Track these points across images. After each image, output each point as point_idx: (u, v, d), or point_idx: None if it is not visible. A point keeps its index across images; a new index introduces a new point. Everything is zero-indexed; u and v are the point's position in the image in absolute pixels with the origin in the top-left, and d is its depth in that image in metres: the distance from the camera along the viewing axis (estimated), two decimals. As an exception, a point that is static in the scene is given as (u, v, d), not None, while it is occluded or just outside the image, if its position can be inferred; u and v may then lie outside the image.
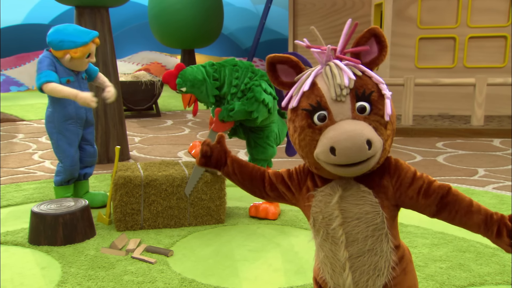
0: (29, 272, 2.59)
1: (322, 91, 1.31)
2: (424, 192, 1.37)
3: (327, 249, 1.43)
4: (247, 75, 3.14)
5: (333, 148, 1.24)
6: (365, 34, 1.35)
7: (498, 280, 2.47)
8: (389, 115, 1.30)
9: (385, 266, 1.40)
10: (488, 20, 6.90)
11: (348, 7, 10.95)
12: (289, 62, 1.39)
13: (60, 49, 3.25)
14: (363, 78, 1.31)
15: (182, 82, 3.08)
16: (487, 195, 3.82)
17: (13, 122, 7.53)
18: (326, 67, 1.34)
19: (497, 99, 7.00)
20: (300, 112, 1.34)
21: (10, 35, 12.65)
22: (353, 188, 1.37)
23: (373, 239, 1.38)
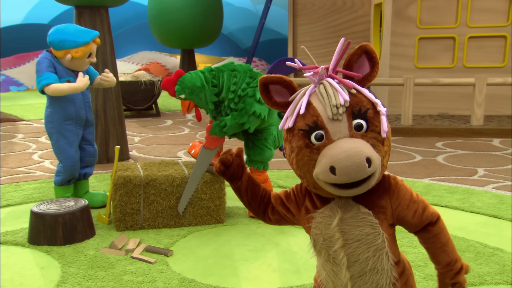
0: (29, 272, 2.59)
1: (318, 111, 1.31)
2: (418, 216, 1.41)
3: (329, 269, 1.43)
4: (245, 80, 3.12)
5: (333, 167, 1.24)
6: (356, 51, 1.35)
7: (498, 280, 2.47)
8: (386, 131, 1.31)
9: (386, 283, 1.41)
10: (488, 20, 6.90)
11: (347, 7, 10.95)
12: (281, 82, 1.39)
13: (61, 48, 3.25)
14: (358, 96, 1.32)
15: (180, 89, 3.07)
16: (486, 194, 3.83)
17: (13, 122, 7.53)
18: (320, 86, 1.34)
19: (497, 99, 7.00)
20: (296, 133, 1.33)
21: (10, 35, 12.65)
22: (353, 209, 1.37)
23: (374, 259, 1.39)
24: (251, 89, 3.08)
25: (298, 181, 4.17)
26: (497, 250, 2.82)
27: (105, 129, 4.81)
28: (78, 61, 3.31)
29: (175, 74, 3.11)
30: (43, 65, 3.24)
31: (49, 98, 3.36)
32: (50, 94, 3.21)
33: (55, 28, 3.32)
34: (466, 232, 3.11)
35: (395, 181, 1.42)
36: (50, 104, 3.37)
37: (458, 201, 3.67)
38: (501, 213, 3.41)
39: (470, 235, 3.06)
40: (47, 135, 3.48)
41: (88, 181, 3.68)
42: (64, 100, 3.34)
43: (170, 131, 6.77)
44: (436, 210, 1.44)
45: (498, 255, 2.75)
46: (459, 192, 3.89)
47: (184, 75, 3.10)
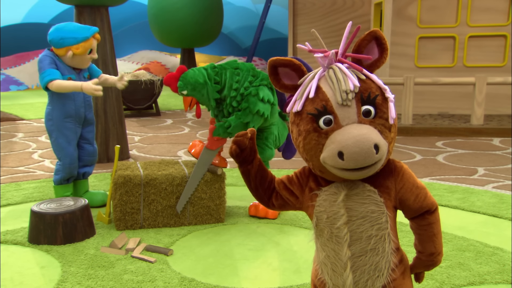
0: (29, 271, 2.59)
1: (328, 95, 1.31)
2: (419, 201, 1.43)
3: (329, 249, 1.43)
4: (247, 78, 3.11)
5: (341, 152, 1.25)
6: (366, 37, 1.36)
7: (498, 279, 2.47)
8: (393, 118, 1.32)
9: (385, 267, 1.42)
10: (488, 19, 6.90)
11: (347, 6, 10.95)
12: (291, 65, 1.39)
13: (61, 46, 3.26)
14: (367, 82, 1.33)
15: (183, 85, 3.06)
16: (486, 194, 3.82)
17: (13, 121, 7.53)
18: (330, 70, 1.34)
19: (497, 98, 7.00)
20: (305, 116, 1.34)
21: (10, 34, 12.65)
22: (358, 187, 1.39)
23: (376, 239, 1.40)
24: (254, 88, 3.07)
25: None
26: (497, 250, 2.82)
27: (105, 129, 4.81)
28: (79, 58, 3.32)
29: (178, 70, 3.11)
30: (45, 62, 3.26)
31: (50, 96, 3.36)
32: (53, 90, 3.22)
33: (54, 27, 3.32)
34: (466, 231, 3.11)
35: (400, 165, 1.44)
36: (51, 101, 3.37)
37: (458, 201, 3.67)
38: (501, 213, 3.41)
39: (470, 234, 3.06)
40: (47, 133, 3.48)
41: (88, 180, 3.68)
42: (65, 98, 3.34)
43: (170, 131, 6.77)
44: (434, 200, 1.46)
45: (498, 255, 2.75)
46: (459, 192, 3.89)
47: (186, 71, 3.10)
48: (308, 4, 11.26)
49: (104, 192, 3.69)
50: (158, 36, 11.13)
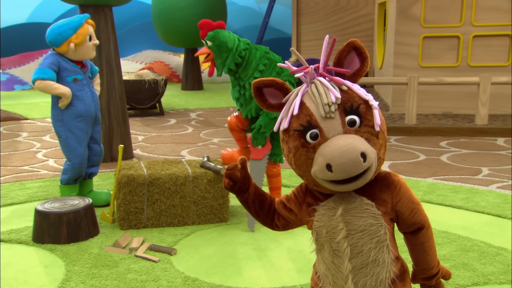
0: (33, 270, 2.60)
1: (311, 110, 1.33)
2: (413, 216, 1.45)
3: (330, 262, 1.44)
4: (275, 68, 3.10)
5: (329, 165, 1.26)
6: (345, 48, 1.38)
7: (502, 280, 2.46)
8: (379, 125, 1.33)
9: (386, 277, 1.43)
10: (493, 19, 6.87)
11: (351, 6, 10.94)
12: (274, 84, 1.42)
13: (61, 42, 3.28)
14: (349, 92, 1.34)
15: (212, 36, 3.05)
16: (491, 194, 3.81)
17: (17, 120, 7.56)
18: (312, 85, 1.36)
19: (501, 98, 6.97)
20: (292, 133, 1.35)
21: (14, 34, 12.68)
22: (356, 201, 1.40)
23: (375, 251, 1.41)
24: None
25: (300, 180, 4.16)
26: (501, 250, 2.81)
27: (109, 128, 4.82)
28: (82, 48, 3.34)
29: (218, 23, 3.11)
30: (48, 61, 3.29)
31: (56, 98, 3.37)
32: (39, 89, 3.26)
33: (49, 29, 3.36)
34: (470, 231, 3.10)
35: (397, 179, 1.44)
36: (57, 103, 3.37)
37: (462, 201, 3.66)
38: (506, 213, 3.40)
39: (474, 234, 3.05)
40: (53, 133, 3.50)
41: (92, 180, 3.68)
42: (73, 98, 3.35)
43: (174, 130, 6.78)
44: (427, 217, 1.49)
45: (503, 255, 2.74)
46: (463, 192, 3.88)
47: (224, 29, 3.10)
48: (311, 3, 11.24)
49: (108, 191, 3.70)
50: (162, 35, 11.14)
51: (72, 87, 3.34)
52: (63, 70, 3.32)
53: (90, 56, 3.41)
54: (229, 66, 3.08)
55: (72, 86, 3.35)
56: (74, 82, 3.36)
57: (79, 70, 3.38)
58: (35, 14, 13.09)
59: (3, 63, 11.95)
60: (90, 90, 3.45)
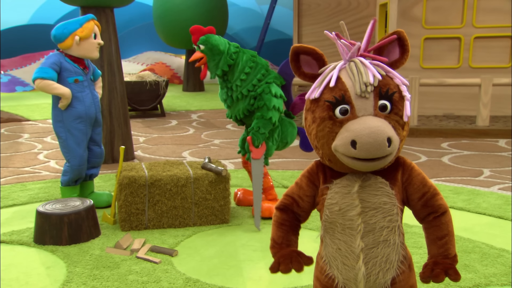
0: (34, 272, 2.60)
1: (347, 86, 1.34)
2: (425, 201, 1.44)
3: (341, 242, 1.44)
4: (261, 71, 3.19)
5: (355, 141, 1.27)
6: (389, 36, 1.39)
7: (504, 281, 2.46)
8: (408, 116, 1.35)
9: (395, 259, 1.44)
10: (494, 20, 6.87)
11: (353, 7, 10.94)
12: (313, 53, 1.42)
13: (66, 36, 3.30)
14: (386, 78, 1.35)
15: (204, 40, 3.14)
16: (492, 195, 3.81)
17: (19, 122, 7.56)
18: (351, 63, 1.37)
19: (503, 99, 6.97)
20: (322, 104, 1.36)
21: (16, 35, 12.70)
22: (370, 179, 1.41)
23: (387, 230, 1.42)
24: (265, 85, 3.15)
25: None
26: (503, 251, 2.80)
27: (110, 129, 4.82)
28: (87, 44, 3.35)
29: (208, 28, 3.20)
30: (50, 60, 3.31)
31: (56, 99, 3.37)
32: (38, 88, 3.27)
33: (55, 27, 3.37)
34: (471, 233, 3.10)
35: (410, 162, 1.47)
36: (57, 103, 3.38)
37: (463, 202, 3.66)
38: (507, 214, 3.40)
39: (475, 236, 3.05)
40: (54, 134, 3.51)
41: (93, 181, 3.69)
42: (73, 100, 3.35)
43: (175, 131, 6.78)
44: (447, 205, 1.45)
45: (504, 256, 2.74)
46: (465, 193, 3.88)
47: (214, 34, 3.19)
48: (313, 5, 11.25)
49: (109, 193, 3.70)
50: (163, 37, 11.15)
51: (72, 88, 3.34)
52: (64, 71, 3.33)
53: (93, 55, 3.42)
54: (222, 68, 3.16)
55: (73, 87, 3.35)
56: (75, 83, 3.36)
57: (80, 71, 3.39)
58: (37, 15, 13.11)
59: (4, 65, 11.97)
60: (91, 92, 3.45)
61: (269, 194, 3.44)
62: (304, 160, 5.02)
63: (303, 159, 5.09)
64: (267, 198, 3.46)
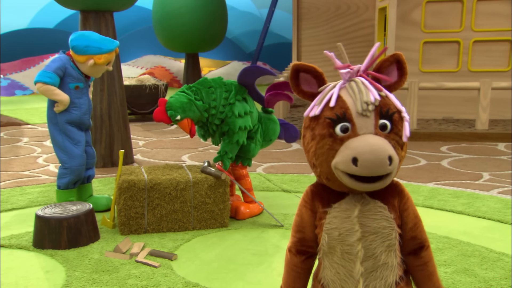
0: (33, 276, 2.60)
1: (348, 104, 1.34)
2: (414, 231, 1.48)
3: (339, 266, 1.45)
4: (222, 95, 3.25)
5: (356, 158, 1.27)
6: (388, 59, 1.40)
7: (504, 285, 2.46)
8: (407, 136, 1.36)
9: (393, 280, 1.45)
10: (493, 24, 6.89)
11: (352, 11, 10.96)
12: (313, 72, 1.42)
13: (84, 54, 3.30)
14: (386, 99, 1.36)
15: (174, 112, 3.15)
16: (491, 199, 3.81)
17: (18, 125, 7.56)
18: (351, 82, 1.37)
19: (502, 103, 6.98)
20: (322, 121, 1.36)
21: (16, 39, 12.71)
22: (370, 203, 1.42)
23: (385, 254, 1.42)
24: (228, 108, 3.22)
25: (302, 185, 4.16)
26: (502, 255, 2.80)
27: (109, 133, 4.82)
28: (98, 68, 3.38)
29: (160, 103, 3.19)
30: (55, 65, 3.30)
31: (52, 101, 3.37)
32: (39, 90, 3.27)
33: (78, 33, 3.35)
34: (471, 236, 3.10)
35: (405, 190, 1.49)
36: (53, 106, 3.38)
37: (463, 206, 3.66)
38: (507, 218, 3.39)
39: (475, 240, 3.05)
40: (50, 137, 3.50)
41: (91, 184, 3.68)
42: (70, 105, 3.35)
43: (175, 135, 6.78)
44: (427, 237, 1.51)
45: (504, 260, 2.74)
46: (464, 197, 3.87)
47: (167, 100, 3.19)
48: (312, 9, 11.27)
49: (109, 196, 3.70)
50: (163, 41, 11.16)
51: (72, 94, 3.36)
52: (67, 76, 3.33)
53: (97, 76, 3.49)
54: (203, 109, 3.21)
55: (73, 93, 3.36)
56: (75, 89, 3.37)
57: (82, 78, 3.40)
58: (37, 19, 13.12)
59: (4, 68, 11.97)
60: (88, 98, 3.47)
61: (247, 196, 3.50)
62: (303, 164, 5.02)
63: (302, 162, 5.09)
64: (245, 200, 3.53)
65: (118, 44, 3.45)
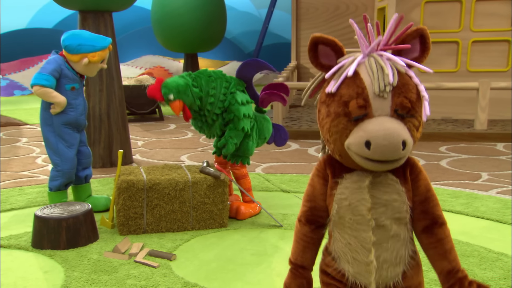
0: (32, 276, 2.60)
1: (365, 83, 1.30)
2: (426, 207, 1.42)
3: (350, 236, 1.42)
4: (222, 85, 3.24)
5: (369, 142, 1.25)
6: (412, 33, 1.35)
7: (502, 285, 2.46)
8: (427, 115, 1.33)
9: (405, 254, 1.43)
10: (491, 25, 6.89)
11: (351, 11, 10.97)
12: (332, 45, 1.37)
13: (78, 52, 3.28)
14: (405, 77, 1.32)
15: (168, 91, 3.13)
16: (490, 199, 3.81)
17: (17, 126, 7.56)
18: (370, 58, 1.33)
19: (501, 103, 6.98)
20: (338, 99, 1.32)
21: (14, 40, 12.69)
22: (381, 175, 1.39)
23: (396, 226, 1.40)
24: (230, 96, 3.22)
25: (301, 185, 4.16)
26: (501, 255, 2.80)
27: (108, 133, 4.82)
28: (92, 66, 3.36)
29: (157, 81, 3.20)
30: (51, 67, 3.27)
31: (46, 102, 3.36)
32: (37, 93, 3.25)
33: (70, 33, 3.34)
34: (470, 236, 3.10)
35: (419, 164, 1.45)
36: (48, 107, 3.36)
37: (462, 206, 3.66)
38: (505, 218, 3.40)
39: (474, 239, 3.05)
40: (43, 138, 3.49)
41: (90, 184, 3.68)
42: (67, 106, 3.35)
43: (174, 135, 6.78)
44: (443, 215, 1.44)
45: (503, 260, 2.74)
46: (463, 197, 3.88)
47: (165, 79, 3.18)
48: (311, 9, 11.27)
49: (107, 196, 3.69)
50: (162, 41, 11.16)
51: (68, 95, 3.35)
52: (63, 77, 3.32)
53: (91, 75, 3.47)
54: (197, 96, 3.19)
55: (69, 94, 3.36)
56: (72, 90, 3.36)
57: (78, 79, 3.40)
58: (35, 19, 13.11)
59: (3, 69, 11.96)
60: (83, 98, 3.47)
61: (245, 195, 3.51)
62: (302, 164, 5.02)
63: (301, 163, 5.09)
64: (244, 200, 3.54)
65: (111, 41, 3.43)
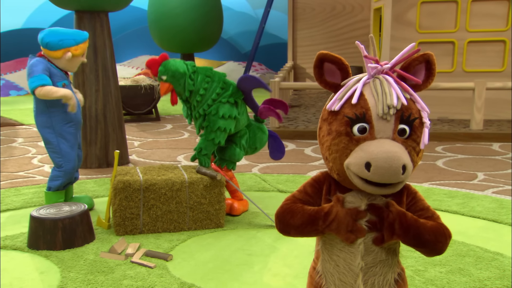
0: (28, 277, 2.59)
1: (369, 104, 1.30)
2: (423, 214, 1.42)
3: (339, 258, 1.43)
4: (216, 90, 3.23)
5: (369, 164, 1.25)
6: (418, 58, 1.35)
7: (498, 285, 2.47)
8: (425, 144, 1.33)
9: (391, 277, 1.43)
10: (487, 25, 6.91)
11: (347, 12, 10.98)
12: (338, 63, 1.38)
13: (60, 48, 3.27)
14: (409, 102, 1.32)
15: (164, 71, 3.16)
16: (486, 199, 3.82)
17: (13, 126, 7.54)
18: (376, 80, 1.33)
19: (496, 103, 7.00)
20: (340, 117, 1.33)
21: (10, 40, 12.66)
22: (376, 199, 1.38)
23: (386, 250, 1.41)
24: (216, 105, 3.21)
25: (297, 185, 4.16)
26: (497, 255, 2.81)
27: (104, 133, 4.81)
28: (74, 61, 3.36)
29: (161, 56, 3.21)
30: (39, 67, 3.23)
31: (44, 105, 3.33)
32: (40, 95, 3.20)
33: (46, 31, 3.33)
34: (466, 236, 3.11)
35: (412, 187, 1.45)
36: (46, 109, 3.33)
37: (458, 206, 3.67)
38: (501, 218, 3.41)
39: (470, 239, 3.06)
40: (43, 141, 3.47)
41: (73, 185, 3.66)
42: (64, 104, 3.34)
43: (170, 136, 6.77)
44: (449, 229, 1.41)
45: (498, 260, 2.75)
46: (459, 197, 3.89)
47: (168, 59, 3.20)
48: (307, 9, 11.28)
49: (89, 196, 3.66)
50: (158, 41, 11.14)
51: None
52: (53, 76, 3.30)
53: (73, 70, 3.46)
54: (189, 88, 3.20)
55: None
56: (63, 87, 3.35)
57: (65, 76, 3.40)
58: (31, 19, 13.07)
59: (-2, 69, 11.92)
60: (75, 95, 3.45)
61: (235, 195, 3.55)
62: (299, 164, 5.03)
63: (297, 163, 5.09)
64: (235, 199, 3.57)
65: (88, 34, 3.46)
